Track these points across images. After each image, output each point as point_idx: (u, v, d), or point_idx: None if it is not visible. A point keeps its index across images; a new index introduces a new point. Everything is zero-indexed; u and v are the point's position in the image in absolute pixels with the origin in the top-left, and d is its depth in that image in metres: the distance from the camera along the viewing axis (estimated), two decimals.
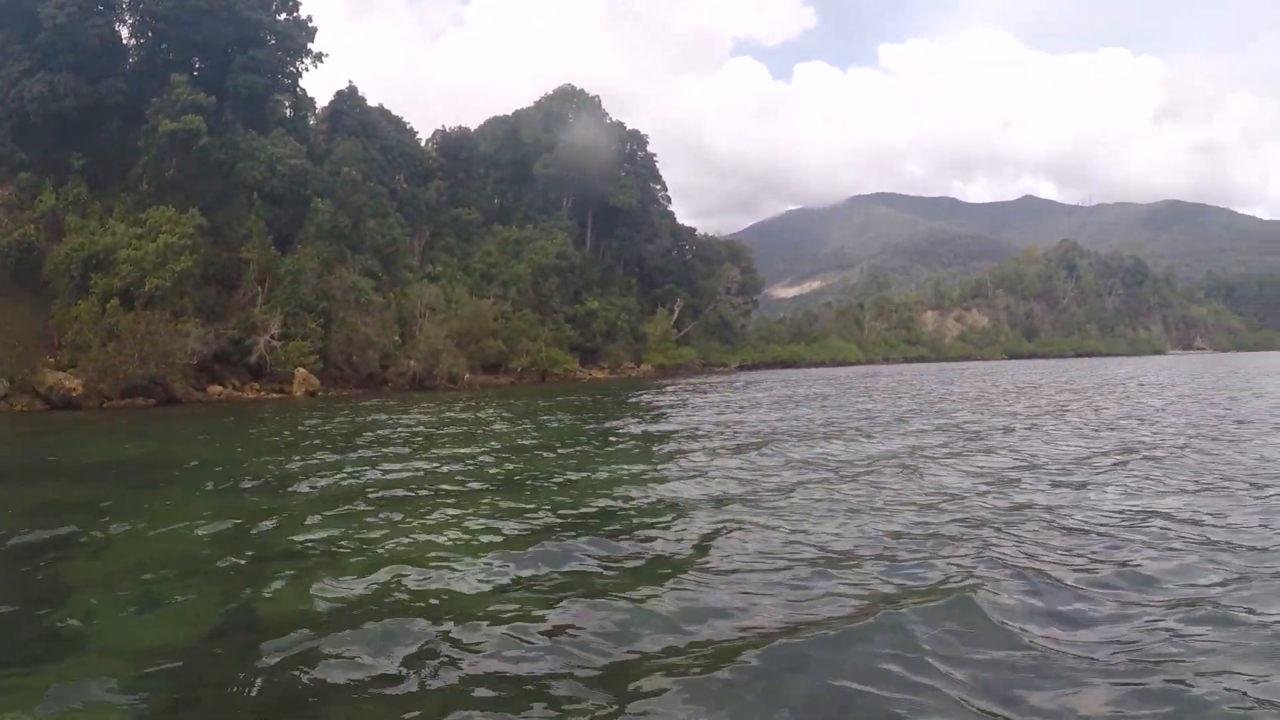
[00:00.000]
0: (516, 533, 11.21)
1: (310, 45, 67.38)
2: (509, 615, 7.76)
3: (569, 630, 7.33)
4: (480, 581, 8.98)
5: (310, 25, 66.87)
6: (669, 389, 52.91)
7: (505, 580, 9.00)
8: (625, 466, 17.44)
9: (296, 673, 6.64)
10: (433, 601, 8.31)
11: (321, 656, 6.90)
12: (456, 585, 8.86)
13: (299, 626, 7.59)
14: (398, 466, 17.91)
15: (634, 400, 42.35)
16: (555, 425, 28.26)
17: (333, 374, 54.76)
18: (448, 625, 7.51)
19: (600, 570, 9.33)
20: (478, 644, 7.08)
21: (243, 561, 10.21)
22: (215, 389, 49.02)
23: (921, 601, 7.74)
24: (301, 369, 51.93)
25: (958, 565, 9.08)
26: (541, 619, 7.63)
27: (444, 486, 15.29)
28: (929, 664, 6.39)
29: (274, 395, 50.34)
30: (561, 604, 8.04)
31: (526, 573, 9.25)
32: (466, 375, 61.29)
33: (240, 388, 50.77)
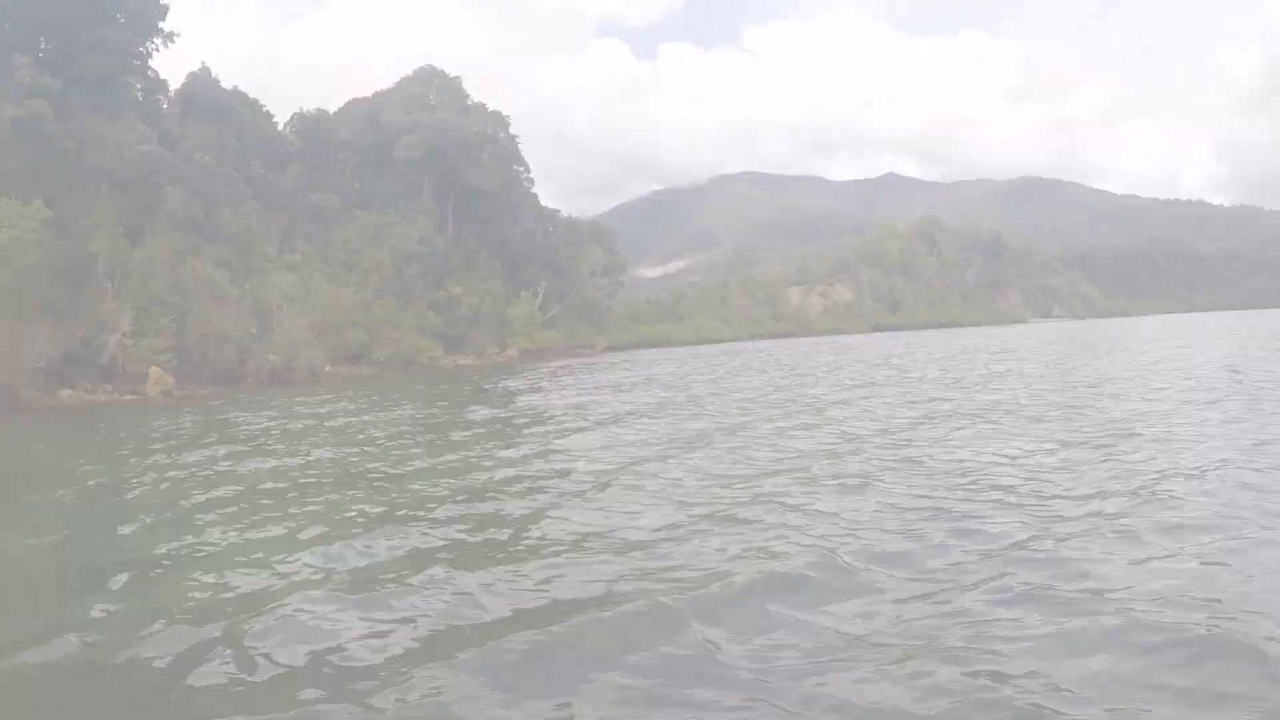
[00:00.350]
0: (332, 529, 11.43)
1: (162, 24, 65.15)
2: (313, 610, 7.98)
3: (362, 624, 7.59)
4: (284, 577, 9.25)
5: (162, 3, 64.79)
6: (529, 374, 53.26)
7: (314, 576, 9.26)
8: (454, 456, 17.87)
9: (92, 684, 6.73)
10: (240, 601, 8.49)
11: (121, 666, 7.01)
12: (266, 583, 9.08)
13: (101, 636, 7.66)
14: (232, 466, 17.98)
15: (489, 387, 42.89)
16: (401, 416, 28.67)
17: (189, 371, 53.00)
18: (250, 625, 7.59)
19: (404, 564, 9.57)
20: (278, 640, 7.25)
21: (49, 575, 10.28)
22: (66, 393, 46.67)
23: (717, 588, 7.83)
24: (155, 367, 50.20)
25: (758, 548, 9.16)
26: (341, 613, 7.88)
27: (274, 485, 15.41)
28: (717, 655, 6.43)
29: (128, 397, 48.41)
30: (361, 597, 8.33)
31: (334, 566, 9.54)
32: (327, 368, 60.23)
33: (92, 390, 48.54)
